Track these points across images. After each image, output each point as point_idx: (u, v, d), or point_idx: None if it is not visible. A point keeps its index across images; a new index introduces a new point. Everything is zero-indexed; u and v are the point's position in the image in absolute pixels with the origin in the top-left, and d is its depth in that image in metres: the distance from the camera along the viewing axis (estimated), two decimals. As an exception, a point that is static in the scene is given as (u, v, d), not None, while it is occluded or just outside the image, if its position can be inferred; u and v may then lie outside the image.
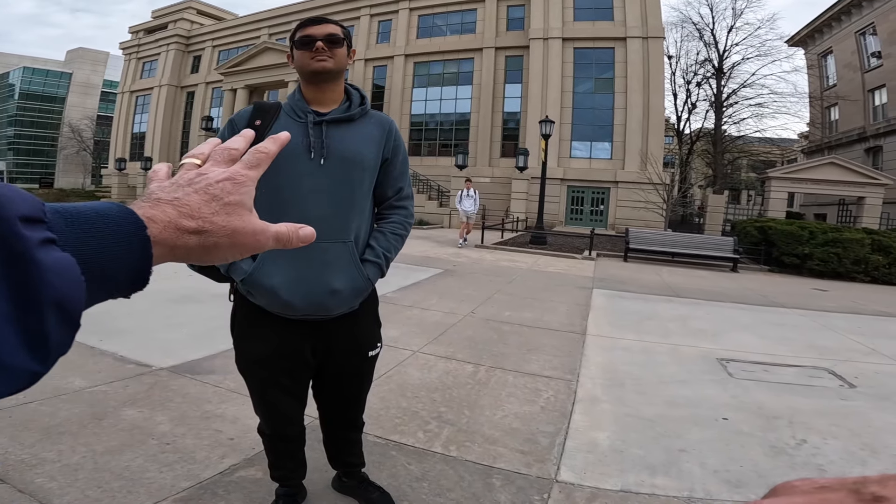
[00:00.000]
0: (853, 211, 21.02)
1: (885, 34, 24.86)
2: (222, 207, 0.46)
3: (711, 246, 13.33)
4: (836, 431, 3.13)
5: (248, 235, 0.48)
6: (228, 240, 0.46)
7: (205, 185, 0.47)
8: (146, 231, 0.40)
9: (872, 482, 0.23)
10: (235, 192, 0.48)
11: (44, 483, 2.09)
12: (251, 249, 0.49)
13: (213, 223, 0.45)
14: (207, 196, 0.46)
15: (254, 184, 0.50)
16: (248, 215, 0.48)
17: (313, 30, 1.63)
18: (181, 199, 0.45)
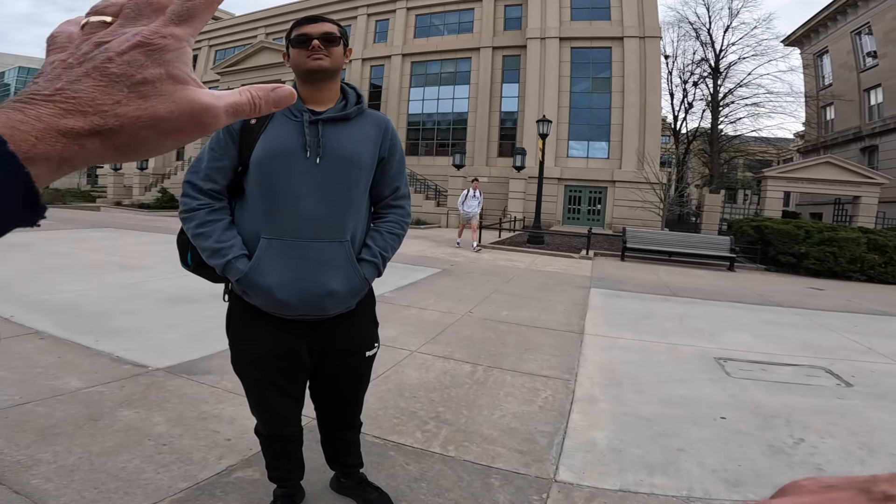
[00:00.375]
0: (849, 210, 21.11)
1: (881, 34, 24.96)
2: (132, 90, 0.33)
3: (708, 245, 13.37)
4: (834, 430, 3.14)
5: (185, 118, 0.35)
6: (153, 132, 0.34)
7: (102, 60, 0.33)
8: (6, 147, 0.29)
9: (882, 481, 0.23)
10: (152, 63, 0.34)
11: (40, 484, 2.08)
12: (196, 133, 0.36)
13: (119, 116, 0.33)
14: (106, 79, 0.33)
15: (183, 46, 0.35)
16: (180, 90, 0.35)
17: (309, 28, 1.62)
18: (66, 91, 0.32)
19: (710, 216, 21.46)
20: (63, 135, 0.32)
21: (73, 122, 0.32)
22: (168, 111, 0.34)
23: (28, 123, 0.31)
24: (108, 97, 0.33)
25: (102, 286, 5.98)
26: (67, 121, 0.32)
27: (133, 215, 22.05)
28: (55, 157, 0.32)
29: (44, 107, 0.32)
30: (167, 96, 0.34)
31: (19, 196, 0.30)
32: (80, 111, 0.32)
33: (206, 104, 0.35)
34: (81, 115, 0.32)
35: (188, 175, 1.68)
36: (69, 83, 0.33)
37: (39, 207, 0.31)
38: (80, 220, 16.31)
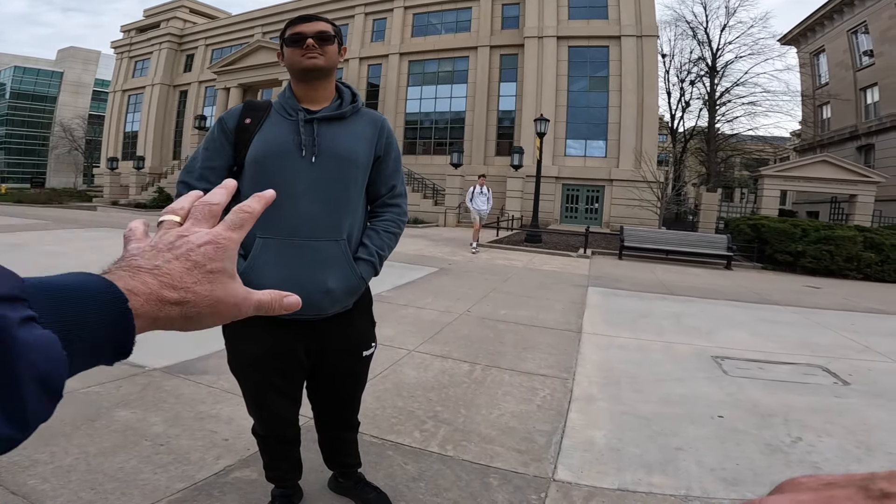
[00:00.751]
0: (845, 209, 21.19)
1: (878, 33, 25.03)
2: (205, 276, 0.45)
3: (705, 244, 13.39)
4: (831, 429, 3.14)
5: (230, 305, 0.46)
6: (210, 309, 0.45)
7: (186, 250, 0.45)
8: (127, 304, 0.39)
9: (881, 478, 0.23)
10: (218, 257, 0.46)
11: (37, 485, 2.07)
12: (231, 318, 0.48)
13: (195, 293, 0.44)
14: (189, 263, 0.44)
15: (237, 247, 0.48)
16: (231, 283, 0.47)
17: (304, 27, 1.62)
18: (162, 268, 0.43)
19: (707, 215, 21.51)
20: (160, 301, 0.42)
21: (169, 293, 0.42)
22: (224, 296, 0.46)
23: (139, 289, 0.41)
24: (190, 277, 0.44)
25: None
26: (164, 291, 0.42)
27: (129, 215, 21.99)
28: (150, 317, 0.41)
29: (148, 276, 0.42)
30: (223, 285, 0.46)
31: (120, 343, 0.39)
32: (172, 285, 0.43)
33: (243, 297, 0.48)
34: (174, 289, 0.43)
35: (182, 175, 1.67)
36: (164, 263, 0.44)
37: (128, 353, 0.40)
38: (77, 220, 16.26)
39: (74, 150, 55.61)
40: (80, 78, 71.58)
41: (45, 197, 30.43)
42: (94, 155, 52.98)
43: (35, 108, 69.92)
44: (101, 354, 0.38)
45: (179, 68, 39.82)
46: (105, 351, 0.38)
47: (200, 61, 38.13)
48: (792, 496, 0.24)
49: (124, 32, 43.80)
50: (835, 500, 0.22)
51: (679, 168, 28.01)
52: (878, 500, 0.22)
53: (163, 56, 39.31)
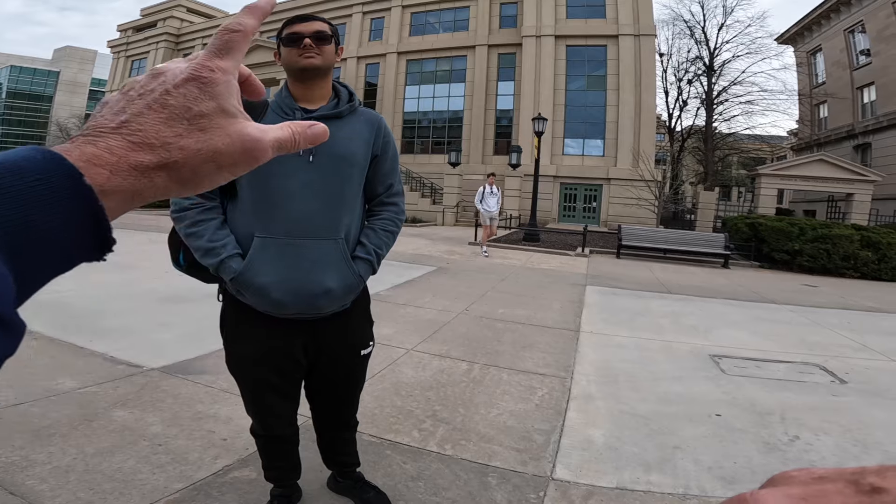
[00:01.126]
0: (842, 207, 21.24)
1: (874, 32, 25.09)
2: (191, 123, 0.34)
3: (703, 242, 13.42)
4: (828, 427, 3.15)
5: (238, 152, 0.36)
6: (212, 164, 0.35)
7: (160, 93, 0.34)
8: (83, 180, 0.29)
9: (871, 473, 0.23)
10: (205, 95, 0.35)
11: (35, 485, 2.06)
12: (247, 166, 0.37)
13: (181, 149, 0.34)
14: (166, 112, 0.34)
15: (230, 77, 0.37)
16: (231, 124, 0.36)
17: (301, 27, 1.62)
18: (130, 123, 0.33)
19: (704, 213, 21.55)
20: (134, 168, 0.32)
21: (143, 156, 0.33)
22: (224, 144, 0.35)
23: (102, 157, 0.31)
24: (171, 130, 0.34)
25: (95, 286, 5.95)
26: (138, 154, 0.32)
27: (126, 214, 21.92)
28: (128, 190, 0.32)
29: (113, 139, 0.32)
30: (222, 129, 0.35)
31: (91, 230, 0.30)
32: (148, 145, 0.33)
33: (256, 138, 0.36)
34: (150, 150, 0.33)
35: None
36: (133, 116, 0.33)
37: (109, 241, 0.32)
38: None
39: (71, 149, 55.47)
40: (76, 77, 71.40)
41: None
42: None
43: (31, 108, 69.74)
44: (71, 252, 0.30)
45: (176, 68, 39.73)
46: (75, 246, 0.30)
47: (198, 60, 38.03)
48: (783, 489, 0.24)
49: (121, 32, 43.71)
50: (825, 493, 0.23)
51: (677, 167, 28.07)
52: (867, 494, 0.22)
53: (160, 55, 39.24)
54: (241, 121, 0.36)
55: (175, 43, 39.64)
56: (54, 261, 0.30)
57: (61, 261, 0.30)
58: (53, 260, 0.29)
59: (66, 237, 0.29)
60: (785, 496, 0.23)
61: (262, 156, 0.37)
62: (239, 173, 0.37)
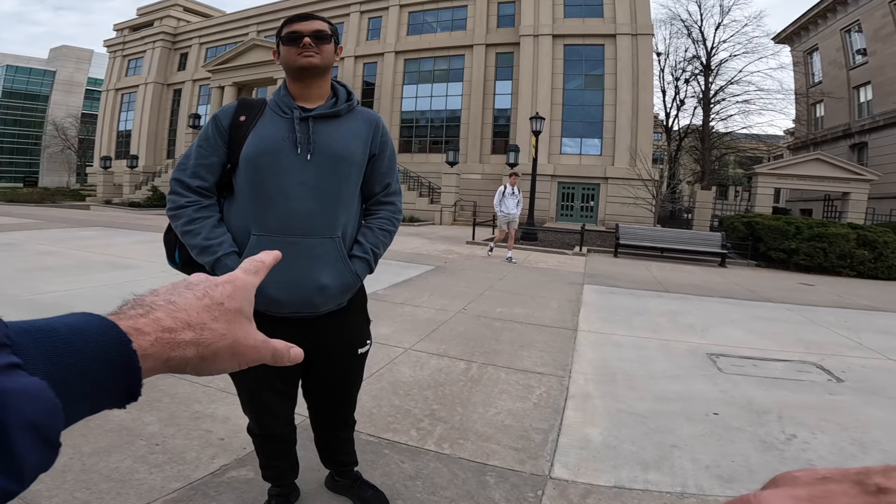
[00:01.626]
0: (838, 206, 21.30)
1: (871, 31, 25.16)
2: (223, 314, 0.43)
3: (700, 241, 13.46)
4: (825, 426, 3.16)
5: (249, 347, 0.45)
6: (229, 350, 0.43)
7: (204, 287, 0.44)
8: (131, 346, 0.36)
9: (876, 473, 0.23)
10: (237, 297, 0.45)
11: (31, 485, 2.05)
12: (249, 362, 0.46)
13: (212, 331, 0.42)
14: (208, 300, 0.43)
15: (253, 291, 0.48)
16: (249, 325, 0.46)
17: (300, 26, 1.61)
18: (177, 303, 0.41)
19: (701, 212, 21.59)
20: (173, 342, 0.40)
21: (183, 333, 0.40)
22: (242, 337, 0.44)
23: (149, 328, 0.39)
24: (208, 314, 0.42)
25: (92, 285, 5.93)
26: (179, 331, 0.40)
27: (123, 214, 21.90)
28: (162, 358, 0.39)
29: (161, 313, 0.40)
30: (241, 326, 0.45)
31: (126, 386, 0.37)
32: (188, 322, 0.41)
33: (262, 340, 0.47)
34: (189, 328, 0.41)
35: (176, 172, 1.66)
36: (180, 298, 0.42)
37: (136, 395, 0.38)
38: (70, 219, 16.17)
39: (67, 149, 55.28)
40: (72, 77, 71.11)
41: (38, 196, 30.25)
42: (87, 154, 52.71)
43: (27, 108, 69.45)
44: (105, 399, 0.36)
45: (173, 67, 39.64)
46: (109, 395, 0.36)
47: (194, 60, 37.96)
48: (787, 491, 0.23)
49: (117, 31, 43.57)
50: (830, 494, 0.22)
51: (674, 166, 28.11)
52: (873, 494, 0.22)
53: (156, 55, 39.13)
54: (253, 324, 0.47)
55: (172, 42, 39.53)
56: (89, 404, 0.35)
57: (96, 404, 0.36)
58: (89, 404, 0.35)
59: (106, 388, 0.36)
60: (789, 497, 0.23)
61: (264, 355, 0.47)
62: (242, 366, 0.46)
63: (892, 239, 12.27)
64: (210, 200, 1.64)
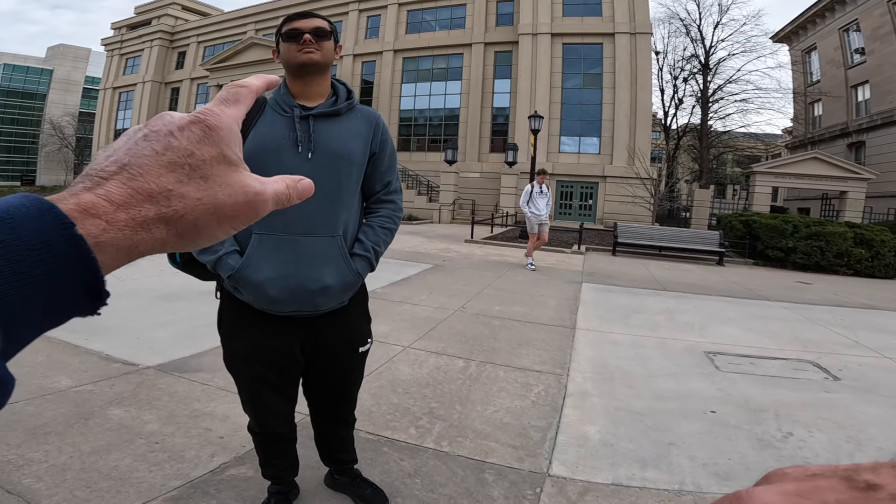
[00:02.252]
0: (836, 205, 21.33)
1: (869, 30, 25.19)
2: (194, 169, 0.33)
3: (698, 240, 13.46)
4: (822, 424, 3.18)
5: (240, 204, 0.34)
6: (212, 217, 0.33)
7: (165, 133, 0.33)
8: (75, 230, 0.28)
9: (865, 470, 0.23)
10: (209, 139, 0.34)
11: (31, 484, 2.06)
12: (246, 221, 0.36)
13: (183, 198, 0.32)
14: (171, 154, 0.32)
15: (234, 125, 0.36)
16: (234, 173, 0.35)
17: (300, 23, 1.62)
18: (132, 167, 0.31)
19: (699, 211, 21.60)
20: (132, 219, 0.31)
21: (143, 206, 0.31)
22: (226, 195, 0.34)
23: (99, 206, 0.30)
24: (172, 175, 0.32)
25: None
26: (137, 204, 0.31)
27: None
28: (124, 244, 0.31)
29: (112, 184, 0.31)
30: (223, 178, 0.34)
31: (84, 284, 0.29)
32: (148, 192, 0.31)
33: (257, 190, 0.36)
34: (150, 198, 0.31)
35: None
36: (135, 158, 0.32)
37: (102, 296, 0.30)
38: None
39: (65, 147, 55.12)
40: (69, 75, 70.83)
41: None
42: (85, 152, 52.55)
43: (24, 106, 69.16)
44: (62, 306, 0.29)
45: (171, 65, 39.55)
46: (66, 300, 0.28)
47: (192, 58, 37.87)
48: (777, 486, 0.24)
49: (115, 30, 43.45)
50: (819, 489, 0.23)
51: (672, 165, 28.10)
52: (862, 491, 0.22)
53: (154, 53, 39.04)
54: (241, 171, 0.35)
55: (170, 41, 39.44)
56: (44, 315, 0.28)
57: (51, 315, 0.29)
58: (43, 314, 0.28)
59: (56, 290, 0.28)
60: (779, 493, 0.23)
61: (263, 209, 0.36)
62: (239, 228, 0.36)
63: (889, 238, 12.29)
64: None
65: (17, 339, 0.27)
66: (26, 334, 0.28)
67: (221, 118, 0.35)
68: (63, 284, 0.28)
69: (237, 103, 0.37)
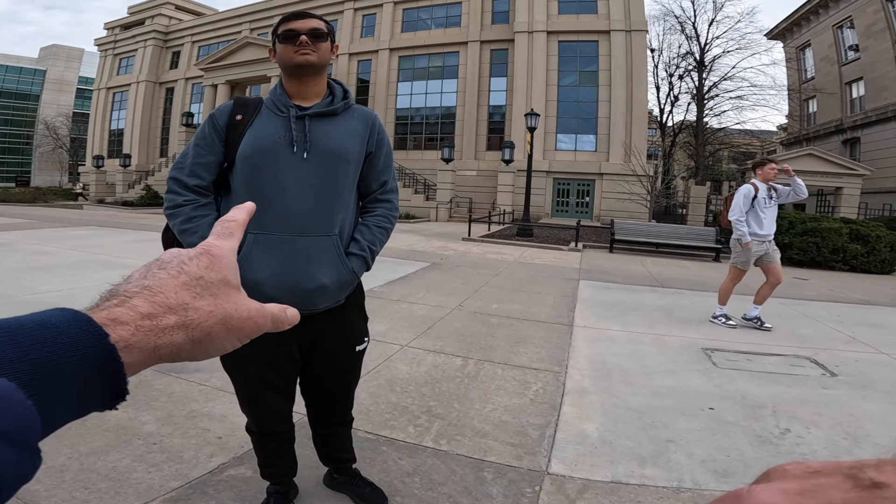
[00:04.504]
0: (831, 201, 21.42)
1: (863, 27, 25.27)
2: (204, 288, 0.40)
3: (694, 236, 13.50)
4: (819, 420, 3.19)
5: (244, 319, 0.41)
6: (222, 326, 0.40)
7: (178, 264, 0.40)
8: (108, 339, 0.33)
9: (869, 467, 0.23)
10: (215, 267, 0.41)
11: (29, 485, 2.05)
12: (249, 335, 0.42)
13: (197, 310, 0.39)
14: (184, 277, 0.39)
15: (233, 255, 0.44)
16: (237, 294, 0.42)
17: (297, 24, 1.62)
18: (153, 287, 0.38)
19: (695, 208, 21.66)
20: (157, 327, 0.37)
21: (166, 317, 0.37)
22: (233, 309, 0.41)
23: (126, 317, 0.36)
24: (188, 293, 0.39)
25: (86, 285, 5.90)
26: (161, 316, 0.37)
27: (116, 213, 21.77)
28: (148, 347, 0.36)
29: (138, 300, 0.37)
30: (228, 297, 0.41)
31: (110, 383, 0.34)
32: (168, 305, 0.38)
33: (256, 309, 0.43)
34: (171, 311, 0.38)
35: (173, 171, 1.66)
36: (155, 281, 0.39)
37: (123, 393, 0.35)
38: (63, 219, 16.07)
39: (59, 148, 54.88)
40: (63, 76, 70.50)
41: (30, 195, 30.01)
42: (79, 153, 52.33)
43: (18, 107, 68.81)
44: (89, 399, 0.33)
45: (165, 65, 39.41)
46: (93, 394, 0.33)
47: (187, 58, 37.74)
48: (778, 485, 0.23)
49: (108, 30, 43.26)
50: (821, 488, 0.22)
51: (668, 162, 28.14)
52: (867, 489, 0.22)
53: (148, 53, 38.89)
54: (242, 293, 0.43)
55: (163, 41, 39.28)
56: (73, 406, 0.33)
57: (79, 407, 0.33)
58: (72, 405, 0.33)
59: (87, 386, 0.33)
60: (781, 491, 0.23)
61: (263, 324, 0.43)
62: (244, 341, 0.42)
63: (884, 233, 12.34)
64: (207, 199, 1.65)
65: (48, 425, 0.31)
66: (57, 421, 0.32)
67: (223, 250, 0.43)
68: (93, 383, 0.33)
69: (231, 236, 0.45)
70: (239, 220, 0.47)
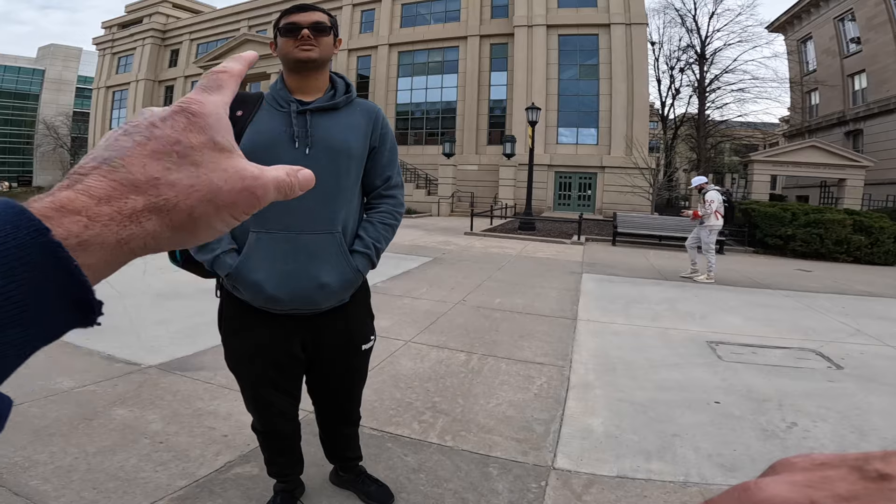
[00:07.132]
0: (835, 192, 21.34)
1: (864, 20, 25.10)
2: (182, 156, 0.30)
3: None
4: (826, 414, 3.18)
5: (237, 191, 0.32)
6: (209, 205, 0.31)
7: (146, 126, 0.30)
8: (49, 236, 0.25)
9: (876, 459, 0.22)
10: (195, 127, 0.31)
11: (38, 485, 2.06)
12: (247, 210, 0.33)
13: (173, 185, 0.29)
14: (154, 143, 0.30)
15: (221, 111, 0.34)
16: (227, 158, 0.32)
17: (299, 17, 1.59)
18: (112, 159, 0.29)
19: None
20: (118, 212, 0.28)
21: (132, 198, 0.28)
22: (222, 181, 0.31)
23: (77, 201, 0.27)
24: (158, 164, 0.30)
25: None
26: (121, 194, 0.28)
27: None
28: (112, 240, 0.28)
29: (92, 179, 0.28)
30: (216, 164, 0.31)
31: (69, 294, 0.26)
32: (132, 182, 0.28)
33: (255, 174, 0.33)
34: (135, 188, 0.28)
35: None
36: (116, 153, 0.29)
37: (92, 305, 0.27)
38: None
39: (60, 147, 54.91)
40: (61, 75, 70.40)
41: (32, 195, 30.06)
42: (80, 152, 52.34)
43: (17, 107, 68.74)
44: (48, 321, 0.26)
45: (164, 63, 39.36)
46: (51, 314, 0.26)
47: (185, 56, 37.68)
48: (785, 477, 0.23)
49: (105, 29, 43.21)
50: (828, 480, 0.22)
51: (670, 154, 28.06)
52: (874, 481, 0.21)
53: (146, 51, 38.83)
54: (236, 156, 0.33)
55: (162, 39, 39.20)
56: (28, 333, 0.25)
57: (38, 333, 0.26)
58: (26, 332, 0.25)
59: (36, 304, 0.25)
60: (788, 484, 0.22)
61: (263, 195, 0.33)
62: (240, 218, 0.33)
63: (888, 225, 12.30)
64: None
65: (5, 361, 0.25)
66: (14, 355, 0.25)
67: (206, 105, 0.33)
68: (44, 297, 0.25)
69: (220, 89, 0.35)
70: (232, 71, 0.36)
